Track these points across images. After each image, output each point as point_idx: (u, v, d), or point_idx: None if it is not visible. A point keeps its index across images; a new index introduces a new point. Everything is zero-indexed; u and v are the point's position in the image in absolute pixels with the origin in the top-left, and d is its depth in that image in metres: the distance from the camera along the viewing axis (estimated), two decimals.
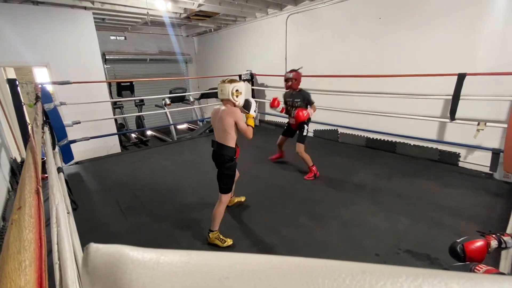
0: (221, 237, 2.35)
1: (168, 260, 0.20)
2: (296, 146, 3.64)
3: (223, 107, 2.25)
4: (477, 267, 1.04)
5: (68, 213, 1.59)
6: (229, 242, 2.36)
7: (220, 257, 0.20)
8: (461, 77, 3.43)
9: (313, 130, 5.91)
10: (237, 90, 2.23)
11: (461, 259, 1.14)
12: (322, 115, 5.63)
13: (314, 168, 3.64)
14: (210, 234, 2.35)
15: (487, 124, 3.36)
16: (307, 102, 3.62)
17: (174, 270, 0.19)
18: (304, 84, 5.88)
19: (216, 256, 0.21)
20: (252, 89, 6.77)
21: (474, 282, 0.16)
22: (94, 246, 0.21)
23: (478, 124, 3.40)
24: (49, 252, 0.86)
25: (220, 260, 0.20)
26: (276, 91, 4.26)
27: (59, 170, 2.12)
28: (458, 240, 1.19)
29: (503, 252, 1.19)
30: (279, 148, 4.19)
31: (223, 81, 2.26)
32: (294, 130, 3.83)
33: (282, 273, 0.18)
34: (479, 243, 1.14)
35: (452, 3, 3.64)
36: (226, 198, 2.36)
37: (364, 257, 2.15)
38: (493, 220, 2.58)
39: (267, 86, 6.90)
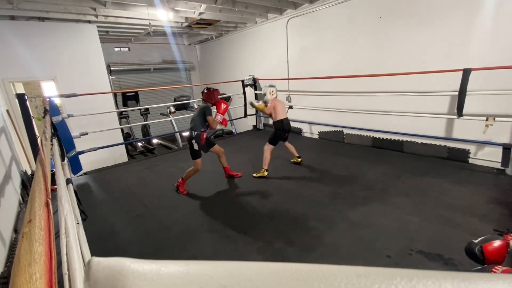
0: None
1: (168, 271, 0.20)
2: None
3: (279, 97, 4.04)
4: (494, 269, 0.98)
5: (77, 223, 1.62)
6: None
7: (218, 266, 0.21)
8: (466, 73, 3.39)
9: (318, 132, 5.89)
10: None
11: (479, 261, 1.08)
12: (327, 116, 5.62)
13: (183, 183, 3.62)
14: None
15: (496, 119, 3.30)
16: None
17: (174, 281, 0.20)
18: (306, 86, 5.93)
19: (214, 265, 0.21)
20: (255, 94, 6.80)
21: (468, 281, 0.16)
22: (95, 260, 0.22)
23: (487, 120, 3.34)
24: (59, 263, 0.88)
25: (218, 269, 0.20)
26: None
27: (68, 181, 2.16)
28: (475, 241, 1.12)
29: None
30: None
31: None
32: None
33: (279, 279, 0.18)
34: (498, 243, 1.06)
35: None
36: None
37: (375, 259, 2.12)
38: (507, 217, 2.51)
39: None
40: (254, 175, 3.90)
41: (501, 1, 3.25)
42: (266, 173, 3.85)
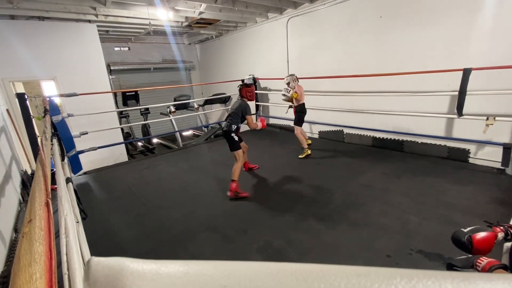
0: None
1: (168, 271, 0.20)
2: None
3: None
4: (478, 260, 0.99)
5: (77, 222, 1.62)
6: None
7: (218, 266, 0.21)
8: (466, 72, 3.38)
9: (318, 132, 5.89)
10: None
11: (467, 251, 1.09)
12: (327, 116, 5.62)
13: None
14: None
15: (496, 118, 3.30)
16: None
17: (173, 281, 0.20)
18: (306, 86, 5.91)
19: (214, 265, 0.21)
20: (256, 93, 6.80)
21: (468, 281, 0.16)
22: (95, 260, 0.22)
23: (487, 119, 3.34)
24: (59, 263, 0.88)
25: (218, 269, 0.20)
26: (279, 94, 4.26)
27: (68, 180, 2.16)
28: (464, 230, 1.12)
29: (505, 245, 1.14)
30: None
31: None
32: None
33: (279, 279, 0.18)
34: (487, 234, 1.07)
35: None
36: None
37: (375, 258, 2.12)
38: (507, 217, 2.50)
39: (270, 90, 6.92)
40: (300, 156, 4.45)
41: (501, 0, 3.25)
42: (309, 151, 4.47)
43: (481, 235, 1.08)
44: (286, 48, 6.18)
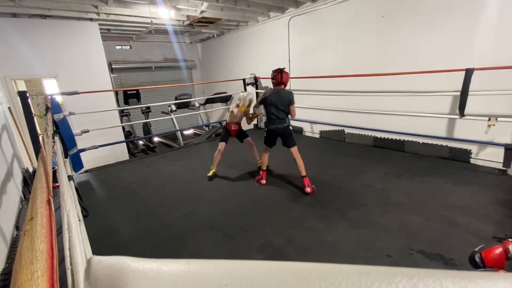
0: None
1: (169, 269, 0.20)
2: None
3: None
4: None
5: (79, 220, 1.63)
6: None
7: (219, 265, 0.21)
8: (469, 72, 3.37)
9: (319, 131, 5.88)
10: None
11: (480, 268, 1.12)
12: (328, 116, 5.61)
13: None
14: None
15: (498, 119, 3.29)
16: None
17: (174, 280, 0.20)
18: (307, 85, 5.91)
19: (215, 264, 0.21)
20: (257, 92, 6.80)
21: (469, 280, 0.16)
22: (96, 259, 0.22)
23: (489, 120, 3.33)
24: (61, 260, 0.88)
25: (219, 268, 0.20)
26: None
27: (70, 178, 2.17)
28: (476, 250, 1.17)
29: None
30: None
31: None
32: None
33: (280, 278, 0.18)
34: (497, 250, 1.11)
35: None
36: None
37: (376, 258, 2.12)
38: (508, 218, 2.51)
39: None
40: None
41: (504, 0, 3.23)
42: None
43: (491, 251, 1.11)
44: (287, 47, 6.17)
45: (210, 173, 3.92)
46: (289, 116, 3.32)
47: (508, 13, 3.22)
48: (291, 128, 3.22)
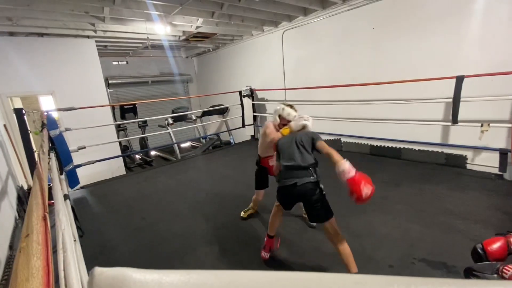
0: None
1: (169, 280, 0.20)
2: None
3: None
4: (505, 268, 0.99)
5: (74, 241, 1.59)
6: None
7: (219, 275, 0.21)
8: (459, 80, 3.45)
9: None
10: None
11: (483, 259, 1.12)
12: (324, 125, 5.65)
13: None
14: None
15: (491, 124, 3.34)
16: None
17: None
18: (303, 96, 5.99)
19: (214, 274, 0.21)
20: (253, 104, 6.86)
21: None
22: (98, 270, 0.22)
23: (482, 125, 3.38)
24: (57, 278, 0.86)
25: (219, 278, 0.20)
26: (277, 104, 4.29)
27: (66, 197, 2.14)
28: (477, 244, 1.21)
29: None
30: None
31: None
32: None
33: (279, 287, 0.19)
34: (499, 241, 1.13)
35: (444, 7, 3.71)
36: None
37: (377, 269, 2.09)
38: (507, 222, 2.51)
39: (267, 100, 6.99)
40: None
41: (490, 9, 3.35)
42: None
43: (492, 241, 1.14)
44: (282, 60, 6.29)
45: (245, 214, 2.99)
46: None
47: (493, 22, 3.34)
48: (322, 187, 2.17)
